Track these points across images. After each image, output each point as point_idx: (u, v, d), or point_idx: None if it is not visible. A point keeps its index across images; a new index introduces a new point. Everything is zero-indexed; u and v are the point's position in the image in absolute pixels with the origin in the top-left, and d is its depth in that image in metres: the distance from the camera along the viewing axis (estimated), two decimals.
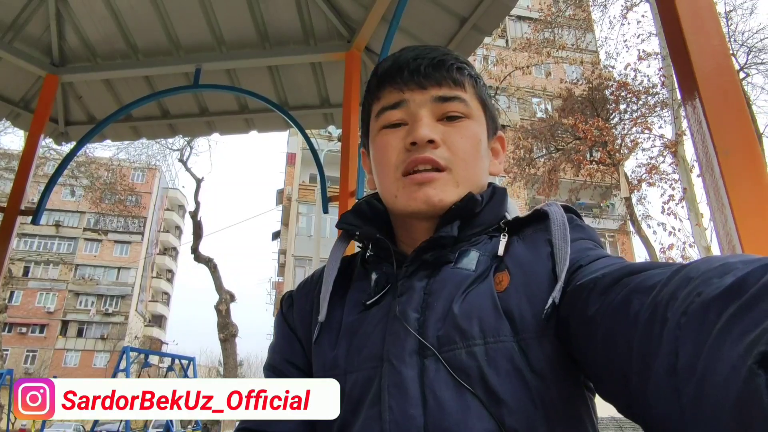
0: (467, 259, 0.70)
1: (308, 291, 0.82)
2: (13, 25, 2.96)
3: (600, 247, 0.69)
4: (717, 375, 0.35)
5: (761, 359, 0.31)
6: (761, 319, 0.33)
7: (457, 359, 0.61)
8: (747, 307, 0.35)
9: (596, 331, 0.52)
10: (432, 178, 0.71)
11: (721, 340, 0.35)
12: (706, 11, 0.90)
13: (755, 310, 0.34)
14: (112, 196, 19.27)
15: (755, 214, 0.75)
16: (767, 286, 0.35)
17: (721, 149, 0.77)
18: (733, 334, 0.34)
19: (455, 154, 0.72)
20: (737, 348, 0.33)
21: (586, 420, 0.63)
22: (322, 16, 2.89)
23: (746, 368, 0.31)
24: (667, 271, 0.47)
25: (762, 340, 0.31)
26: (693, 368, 0.37)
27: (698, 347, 0.37)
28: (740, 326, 0.34)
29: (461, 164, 0.73)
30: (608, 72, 14.63)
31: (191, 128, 3.60)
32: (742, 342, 0.33)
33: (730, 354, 0.34)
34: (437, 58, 0.75)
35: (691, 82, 0.87)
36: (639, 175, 13.31)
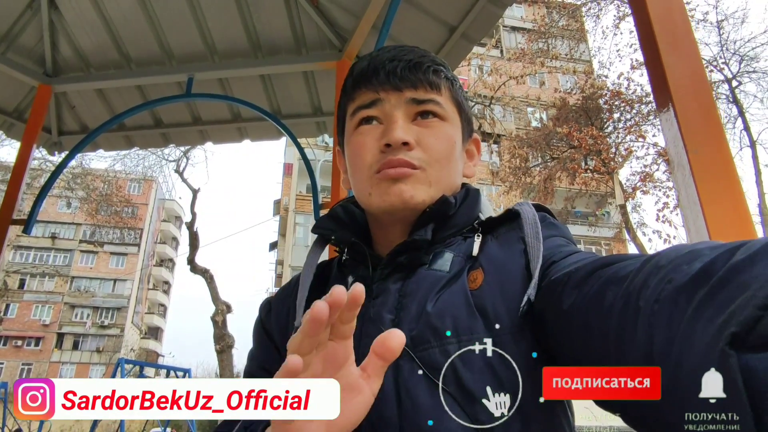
0: (441, 260, 0.70)
1: (285, 296, 0.82)
2: (6, 36, 2.98)
3: (572, 244, 0.70)
4: (691, 358, 0.36)
5: (732, 340, 0.32)
6: (729, 301, 0.34)
7: (431, 358, 0.61)
8: (715, 290, 0.36)
9: (572, 323, 0.53)
10: (406, 173, 0.71)
11: (693, 324, 0.36)
12: (678, 14, 0.92)
13: (723, 292, 0.35)
14: (108, 207, 19.23)
15: (723, 208, 0.76)
16: (733, 269, 0.35)
17: (691, 148, 0.79)
18: (704, 318, 0.35)
19: (429, 155, 0.73)
20: (709, 331, 0.34)
21: (562, 418, 0.63)
22: (313, 25, 2.91)
23: (718, 350, 0.32)
24: (639, 261, 0.48)
25: (731, 321, 0.32)
26: (668, 354, 0.38)
27: (672, 333, 0.38)
28: (710, 310, 0.35)
29: (435, 165, 0.73)
30: (602, 81, 14.74)
31: (184, 137, 3.61)
32: (712, 325, 0.34)
33: (702, 337, 0.35)
34: (413, 60, 0.74)
35: (664, 84, 0.88)
36: (633, 183, 13.38)
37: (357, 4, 2.69)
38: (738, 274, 0.35)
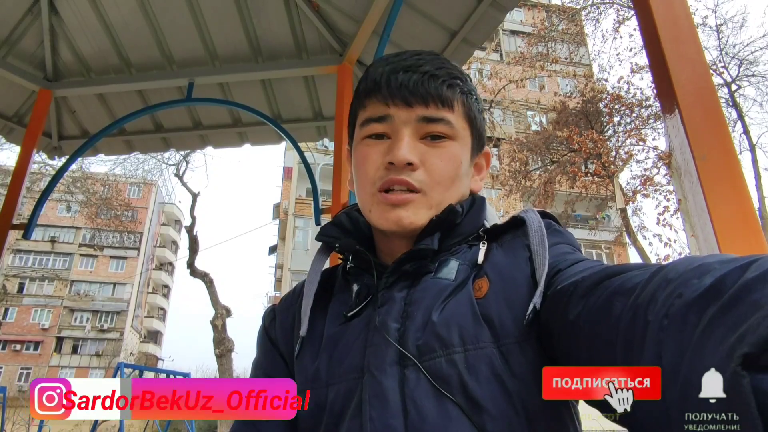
0: (447, 268, 0.70)
1: (290, 305, 0.82)
2: (7, 41, 2.98)
3: (578, 251, 0.69)
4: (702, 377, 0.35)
5: (744, 361, 0.31)
6: (741, 319, 0.33)
7: (437, 368, 0.60)
8: (727, 307, 0.35)
9: (578, 334, 0.52)
10: (406, 200, 0.71)
11: (703, 342, 0.35)
12: (683, 19, 0.92)
13: (735, 310, 0.34)
14: (108, 211, 19.22)
15: (732, 214, 0.76)
16: (745, 287, 0.35)
17: (698, 154, 0.79)
18: (714, 336, 0.35)
19: (432, 177, 0.72)
20: (720, 350, 0.33)
21: (570, 427, 0.62)
22: (314, 29, 2.91)
23: (730, 370, 0.31)
24: (646, 272, 0.47)
25: (744, 341, 0.31)
26: (677, 371, 0.37)
27: (681, 349, 0.37)
28: (721, 327, 0.34)
29: (437, 188, 0.72)
30: (601, 85, 14.77)
31: (184, 142, 3.61)
32: (724, 344, 0.33)
33: (713, 356, 0.34)
34: (429, 72, 0.72)
35: (669, 89, 0.88)
36: (634, 186, 13.38)
37: (358, 8, 2.69)
38: (750, 292, 0.34)
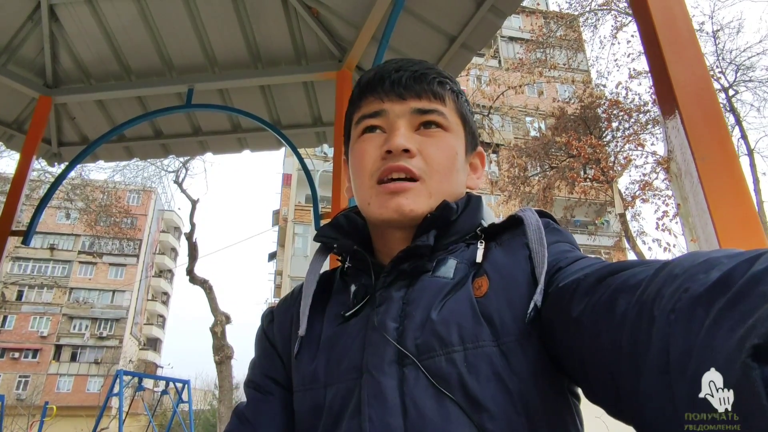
0: (445, 267, 0.70)
1: (288, 306, 0.82)
2: (7, 48, 2.99)
3: (577, 250, 0.69)
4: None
5: (754, 352, 0.31)
6: (750, 312, 0.33)
7: (437, 366, 0.60)
8: (735, 300, 0.35)
9: (582, 332, 0.52)
10: (405, 187, 0.71)
11: (711, 335, 0.35)
12: (682, 21, 0.92)
13: (743, 303, 0.34)
14: (107, 218, 19.21)
15: (733, 214, 0.76)
16: (753, 279, 0.35)
17: (698, 155, 0.79)
18: (723, 329, 0.34)
19: (430, 165, 0.73)
20: (729, 342, 0.33)
21: (571, 426, 0.61)
22: (313, 35, 2.92)
23: (740, 362, 0.31)
24: (650, 268, 0.47)
25: (753, 333, 0.31)
26: (686, 365, 0.37)
27: (689, 344, 0.37)
28: (730, 320, 0.34)
29: (435, 175, 0.73)
30: (600, 91, 14.82)
31: (184, 148, 3.61)
32: (733, 336, 0.33)
33: (722, 349, 0.34)
34: (419, 71, 0.75)
35: (669, 91, 0.88)
36: (633, 191, 13.41)
37: (357, 14, 2.70)
38: (758, 284, 0.34)
